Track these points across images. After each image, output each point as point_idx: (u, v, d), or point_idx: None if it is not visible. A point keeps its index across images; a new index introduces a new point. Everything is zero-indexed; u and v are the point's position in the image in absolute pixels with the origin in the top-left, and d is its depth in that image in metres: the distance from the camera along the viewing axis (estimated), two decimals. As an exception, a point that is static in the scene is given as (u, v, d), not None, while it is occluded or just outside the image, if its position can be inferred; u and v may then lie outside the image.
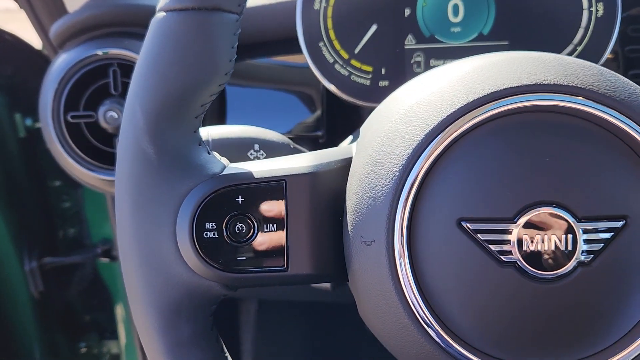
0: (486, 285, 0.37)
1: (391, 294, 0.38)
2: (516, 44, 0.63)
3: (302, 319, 1.16)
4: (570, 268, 0.36)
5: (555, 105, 0.37)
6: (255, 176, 0.41)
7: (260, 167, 0.42)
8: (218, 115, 0.77)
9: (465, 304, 0.37)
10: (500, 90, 0.37)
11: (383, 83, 0.64)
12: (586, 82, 0.37)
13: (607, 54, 0.62)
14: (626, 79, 0.39)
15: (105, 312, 1.26)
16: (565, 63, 0.39)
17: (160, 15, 0.40)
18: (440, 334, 0.37)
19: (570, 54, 0.62)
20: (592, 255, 0.36)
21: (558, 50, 0.62)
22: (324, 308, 1.14)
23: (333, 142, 0.74)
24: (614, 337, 0.37)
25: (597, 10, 0.62)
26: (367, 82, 0.64)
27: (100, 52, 0.72)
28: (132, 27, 0.73)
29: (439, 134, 0.37)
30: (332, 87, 0.64)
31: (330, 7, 0.63)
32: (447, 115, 0.37)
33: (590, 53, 0.62)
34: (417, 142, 0.38)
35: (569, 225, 0.36)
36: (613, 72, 0.39)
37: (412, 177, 0.37)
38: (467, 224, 0.37)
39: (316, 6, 0.63)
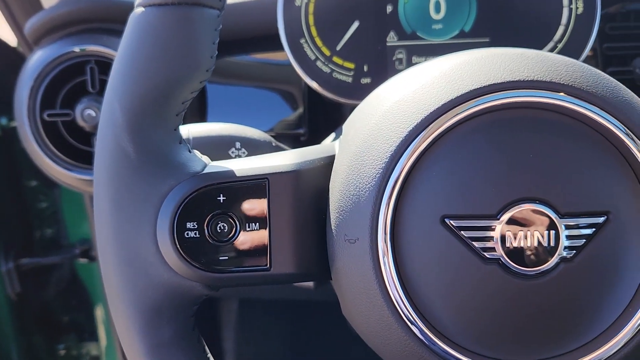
0: (470, 282, 0.37)
1: (375, 292, 0.37)
2: (497, 41, 0.63)
3: (285, 318, 1.16)
4: (553, 264, 0.36)
5: (537, 102, 0.37)
6: (237, 174, 0.41)
7: (242, 166, 0.41)
8: (199, 113, 0.76)
9: (448, 301, 0.37)
10: (483, 87, 0.37)
11: (365, 80, 0.64)
12: (568, 79, 0.37)
13: (587, 51, 0.62)
14: (607, 76, 0.39)
15: (84, 313, 1.24)
16: (548, 59, 0.39)
17: (139, 10, 0.39)
18: (424, 332, 0.37)
19: (551, 51, 0.63)
20: (575, 251, 0.36)
21: (539, 47, 0.63)
22: (307, 307, 1.13)
23: (315, 140, 0.73)
24: (595, 332, 0.37)
25: (577, 8, 0.62)
26: (349, 79, 0.64)
27: (77, 49, 0.70)
28: (110, 23, 0.72)
29: (422, 131, 0.37)
30: (313, 84, 0.64)
31: (311, 3, 0.63)
32: (430, 113, 0.37)
33: (571, 50, 0.62)
34: (400, 139, 0.37)
35: (552, 222, 0.36)
36: (595, 68, 0.39)
37: (396, 174, 0.37)
38: (451, 221, 0.37)
39: (297, 2, 0.63)
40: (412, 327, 0.37)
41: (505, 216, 0.36)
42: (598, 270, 0.37)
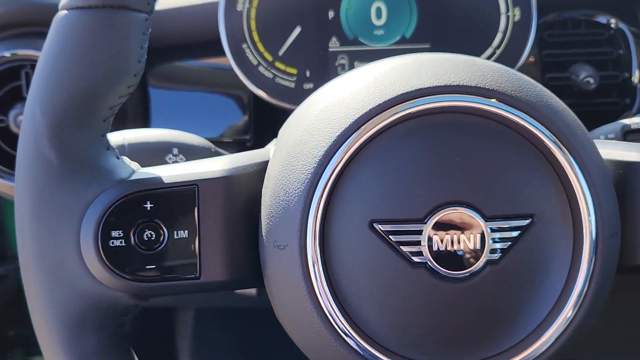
0: (399, 286, 0.37)
1: (304, 299, 0.37)
2: (438, 47, 0.64)
3: (240, 327, 1.14)
4: (480, 267, 0.36)
5: (464, 106, 0.37)
6: (165, 181, 0.40)
7: (171, 172, 0.41)
8: (142, 119, 0.74)
9: (378, 306, 0.37)
10: (411, 91, 0.37)
11: (308, 85, 0.64)
12: (494, 84, 0.38)
13: (525, 57, 0.64)
14: (533, 81, 0.40)
15: (31, 327, 1.20)
16: (475, 65, 0.39)
17: (62, 13, 0.38)
18: (355, 338, 0.37)
19: (489, 57, 0.64)
20: (501, 254, 0.37)
21: (478, 53, 0.64)
22: (263, 315, 1.12)
23: (261, 145, 0.73)
24: (524, 332, 0.38)
25: (514, 15, 0.63)
26: (292, 85, 0.63)
27: (7, 54, 0.68)
28: (42, 27, 0.70)
29: (350, 136, 0.37)
30: (256, 90, 0.63)
31: (253, 8, 0.63)
32: (358, 117, 0.37)
33: (509, 56, 0.64)
34: (329, 144, 0.37)
35: (478, 225, 0.36)
36: (521, 74, 0.40)
37: (324, 179, 0.37)
38: (379, 226, 0.37)
39: (239, 7, 0.62)
40: (343, 335, 0.37)
41: (433, 220, 0.36)
42: (524, 271, 0.37)
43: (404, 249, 0.36)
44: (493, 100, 0.37)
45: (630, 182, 0.40)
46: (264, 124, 0.74)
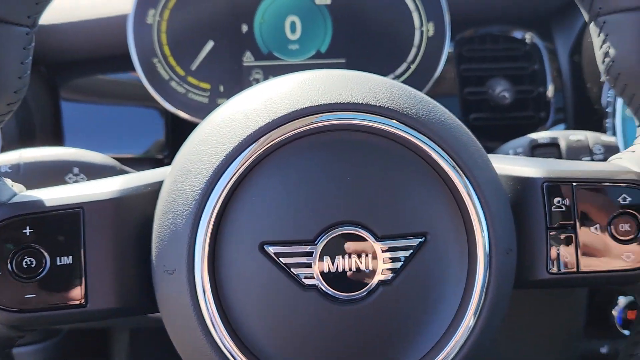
0: (290, 310, 0.35)
1: (194, 325, 0.35)
2: (353, 62, 0.63)
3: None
4: (372, 287, 0.36)
5: (354, 124, 0.36)
6: (47, 204, 0.37)
7: (56, 194, 0.38)
8: (53, 135, 0.71)
9: (271, 331, 0.36)
10: (300, 109, 0.36)
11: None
12: (386, 100, 0.37)
13: (439, 71, 0.64)
14: (427, 98, 0.39)
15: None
16: (367, 81, 0.38)
17: None
18: (247, 365, 0.35)
19: (404, 71, 0.64)
20: (393, 274, 0.36)
21: (393, 68, 0.64)
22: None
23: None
24: (422, 351, 0.37)
25: (428, 30, 0.64)
26: (206, 100, 0.62)
27: None
28: None
29: (240, 155, 0.36)
30: (168, 105, 0.61)
31: (164, 21, 0.61)
32: (247, 136, 0.36)
33: (424, 70, 0.64)
34: (217, 164, 0.36)
35: (369, 245, 0.36)
36: (415, 91, 0.39)
37: (213, 201, 0.35)
38: (270, 248, 0.35)
39: (149, 20, 0.61)
40: None
41: (323, 241, 0.35)
42: (419, 290, 0.37)
43: (295, 271, 0.35)
44: (383, 117, 0.36)
45: (527, 198, 0.40)
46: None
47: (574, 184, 0.40)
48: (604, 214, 0.40)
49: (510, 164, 0.43)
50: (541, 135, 0.57)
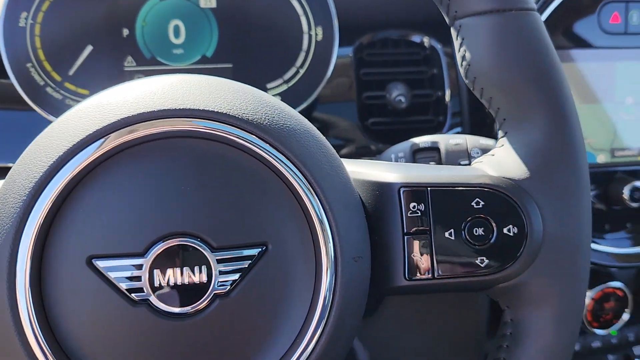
0: (121, 327, 0.34)
1: (16, 348, 0.33)
2: (240, 67, 0.62)
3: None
4: (207, 301, 0.34)
5: (188, 130, 0.35)
6: None
7: None
8: None
9: (102, 350, 0.34)
10: (132, 115, 0.34)
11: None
12: (225, 106, 0.36)
13: (328, 76, 0.63)
14: (275, 101, 0.38)
15: None
16: (209, 85, 0.37)
17: None
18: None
19: (293, 76, 0.63)
20: (230, 286, 0.35)
21: (282, 72, 0.63)
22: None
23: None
24: None
25: (316, 34, 0.63)
26: (85, 107, 0.59)
27: None
28: None
29: (64, 165, 0.34)
30: (43, 112, 0.59)
31: (37, 24, 0.58)
32: (75, 144, 0.34)
33: (313, 75, 0.63)
34: (40, 175, 0.34)
35: (203, 257, 0.34)
36: (259, 94, 0.38)
37: (36, 216, 0.33)
38: (98, 262, 0.33)
39: (21, 23, 0.58)
40: None
41: (154, 254, 0.34)
42: (261, 302, 0.35)
43: (124, 286, 0.34)
44: (220, 123, 0.35)
45: (385, 203, 0.40)
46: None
47: (428, 188, 0.39)
48: (457, 218, 0.39)
49: (370, 169, 0.42)
50: (422, 140, 0.57)
